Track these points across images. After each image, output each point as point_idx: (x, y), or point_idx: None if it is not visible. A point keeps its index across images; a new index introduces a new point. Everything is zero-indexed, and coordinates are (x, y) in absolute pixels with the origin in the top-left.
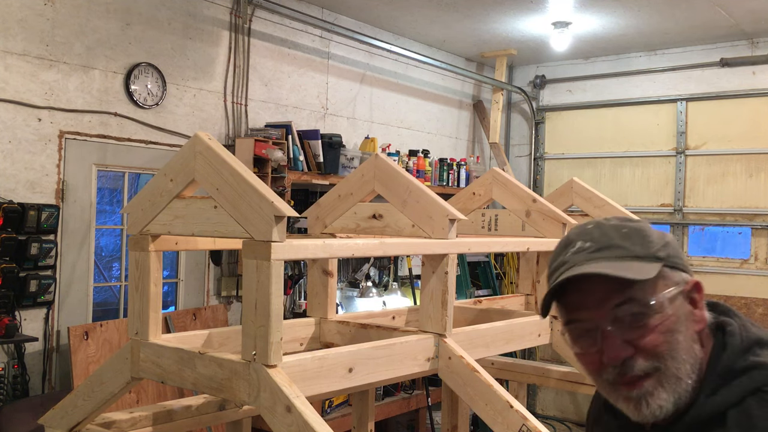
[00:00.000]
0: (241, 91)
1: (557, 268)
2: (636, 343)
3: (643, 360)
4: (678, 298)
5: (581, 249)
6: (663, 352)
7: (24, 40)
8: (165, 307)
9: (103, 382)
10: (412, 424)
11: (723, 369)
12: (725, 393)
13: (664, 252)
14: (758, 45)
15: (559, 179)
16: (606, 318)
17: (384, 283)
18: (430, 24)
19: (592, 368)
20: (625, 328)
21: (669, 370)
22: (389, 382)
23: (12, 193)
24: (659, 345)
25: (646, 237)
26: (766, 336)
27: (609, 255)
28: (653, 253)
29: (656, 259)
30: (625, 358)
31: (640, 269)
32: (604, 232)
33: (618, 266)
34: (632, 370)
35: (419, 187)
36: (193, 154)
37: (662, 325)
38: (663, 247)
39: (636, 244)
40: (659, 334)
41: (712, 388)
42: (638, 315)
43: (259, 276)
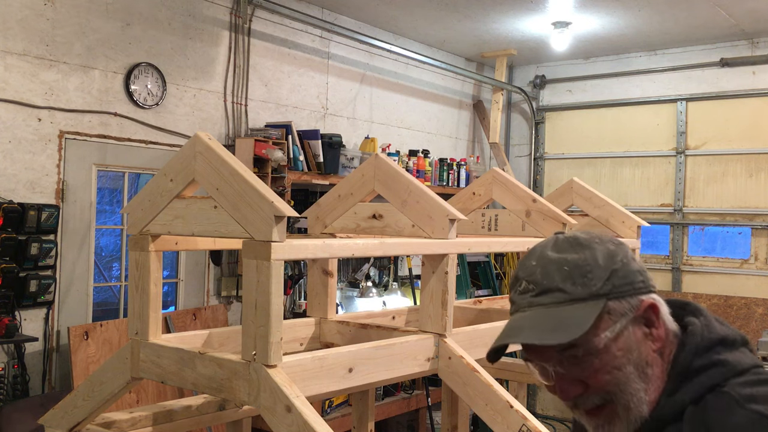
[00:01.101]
0: (241, 91)
1: (511, 304)
2: (585, 381)
3: (594, 395)
4: (627, 329)
5: (526, 290)
6: (611, 389)
7: (24, 40)
8: (165, 307)
9: (103, 382)
10: (412, 424)
11: (681, 369)
12: (684, 392)
13: (608, 285)
14: (758, 45)
15: (559, 179)
16: (553, 361)
17: (384, 283)
18: (430, 24)
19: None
20: (573, 366)
21: (620, 402)
22: (389, 382)
23: (12, 193)
24: (607, 383)
25: (588, 273)
26: (732, 334)
27: (548, 301)
28: (595, 291)
29: (598, 297)
30: (575, 396)
31: (574, 324)
32: (547, 271)
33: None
34: (585, 404)
35: (419, 187)
36: (193, 154)
37: (608, 364)
38: (608, 280)
39: (577, 284)
40: (605, 374)
41: (672, 389)
42: (582, 358)
43: (259, 276)
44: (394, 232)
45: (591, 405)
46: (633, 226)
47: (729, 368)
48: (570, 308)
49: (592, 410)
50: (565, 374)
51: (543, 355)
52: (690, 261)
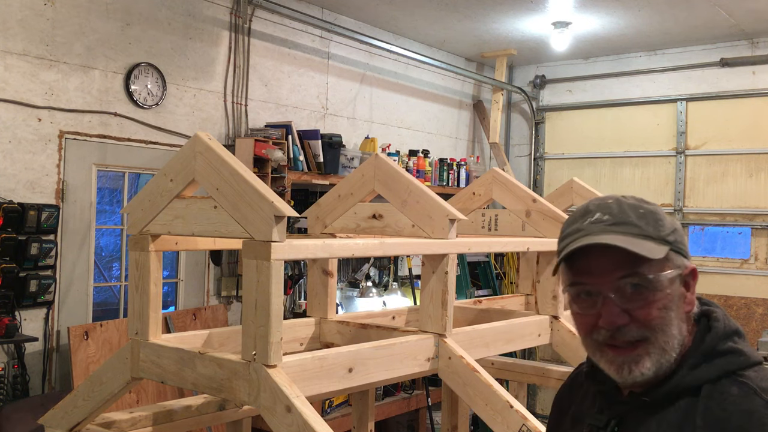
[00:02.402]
0: (241, 91)
1: (572, 233)
2: (632, 312)
3: (635, 329)
4: (676, 280)
5: (599, 220)
6: (655, 325)
7: (24, 40)
8: (165, 307)
9: (103, 382)
10: (412, 424)
11: (706, 348)
12: (705, 369)
13: (672, 237)
14: (758, 45)
15: (559, 179)
16: (610, 286)
17: (384, 283)
18: (430, 24)
19: (585, 327)
20: (625, 298)
21: (657, 341)
22: (389, 382)
23: (12, 193)
24: (653, 318)
25: (659, 221)
26: (741, 329)
27: (624, 230)
28: (663, 236)
29: (665, 242)
30: (620, 324)
31: (650, 249)
32: (623, 209)
33: (632, 242)
34: (624, 335)
35: (419, 187)
36: (193, 154)
37: (659, 301)
38: (672, 233)
39: (650, 225)
40: (655, 309)
41: (694, 364)
42: (640, 288)
43: (259, 276)
44: (394, 232)
45: (629, 338)
46: None
47: (745, 358)
48: (642, 241)
49: (624, 346)
50: (616, 302)
51: (602, 278)
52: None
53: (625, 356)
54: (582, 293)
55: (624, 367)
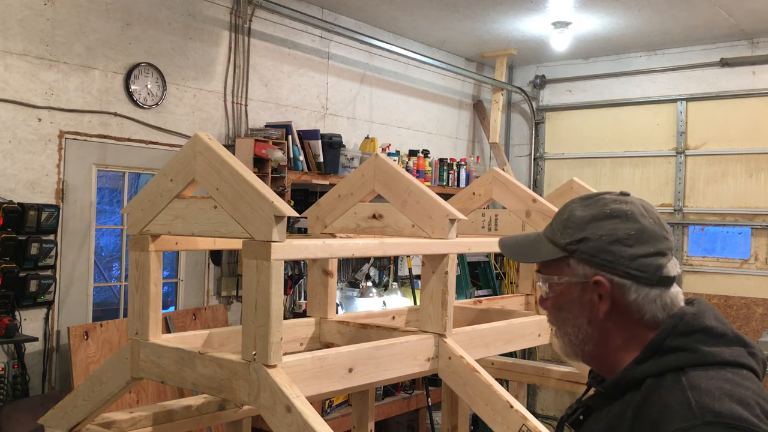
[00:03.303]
0: (241, 91)
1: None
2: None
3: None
4: (576, 286)
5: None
6: (552, 318)
7: (24, 40)
8: (165, 307)
9: (103, 382)
10: (412, 424)
11: (652, 345)
12: (650, 364)
13: (575, 246)
14: (758, 45)
15: (559, 179)
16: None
17: (384, 283)
18: (430, 24)
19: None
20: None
21: (560, 331)
22: (389, 382)
23: (12, 193)
24: (548, 310)
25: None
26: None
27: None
28: (564, 244)
29: (563, 250)
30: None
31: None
32: (561, 211)
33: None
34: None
35: (419, 187)
36: (193, 154)
37: (550, 299)
38: (578, 242)
39: (556, 231)
40: (548, 304)
41: (642, 358)
42: (540, 284)
43: (259, 276)
44: (394, 232)
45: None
46: None
47: (696, 356)
48: (545, 244)
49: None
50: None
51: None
52: (690, 261)
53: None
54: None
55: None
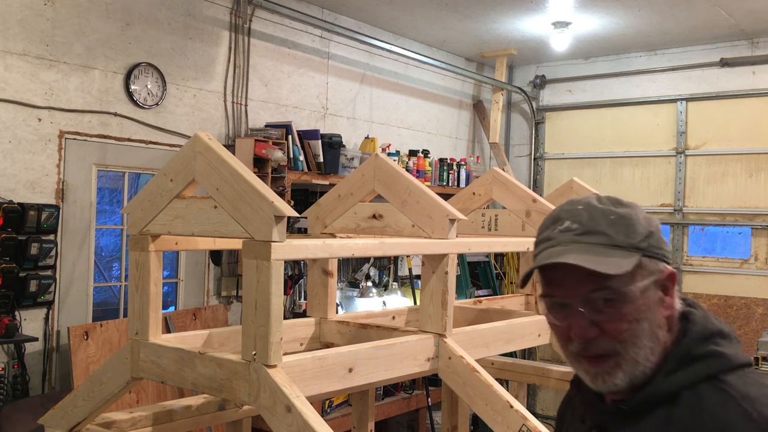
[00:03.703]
0: (241, 91)
1: (543, 241)
2: (602, 326)
3: (605, 342)
4: (651, 288)
5: (568, 229)
6: (626, 339)
7: (24, 40)
8: (165, 307)
9: (103, 382)
10: (412, 424)
11: (682, 353)
12: (681, 375)
13: (645, 243)
14: (758, 45)
15: (559, 179)
16: (579, 299)
17: (384, 283)
18: (430, 24)
19: (560, 339)
20: (595, 310)
21: (628, 354)
22: (389, 382)
23: (12, 193)
24: (623, 332)
25: (631, 227)
26: (726, 329)
27: (592, 241)
28: (635, 244)
29: (636, 250)
30: (590, 337)
31: (617, 262)
32: (593, 216)
33: (596, 258)
34: (594, 348)
35: (419, 187)
36: (193, 154)
37: (630, 314)
38: (645, 238)
39: (620, 233)
40: (625, 322)
41: (670, 370)
42: (609, 301)
43: (259, 276)
44: (394, 232)
45: (599, 351)
46: None
47: (725, 361)
48: (611, 251)
49: (596, 358)
50: (586, 315)
51: (571, 291)
52: (690, 261)
53: (598, 368)
54: (555, 305)
55: (598, 378)
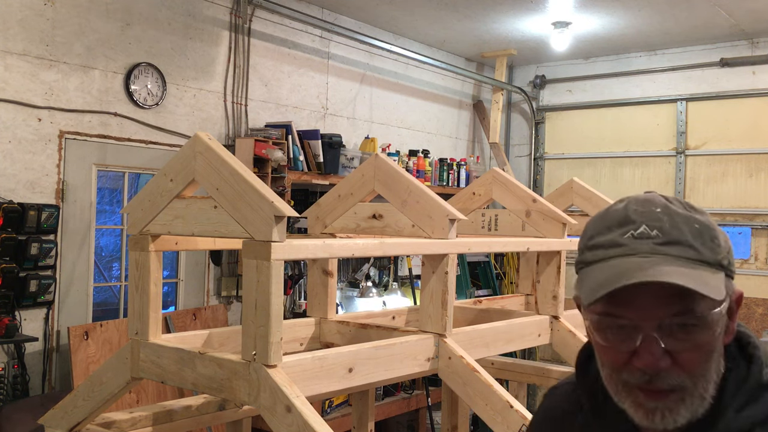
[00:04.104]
0: (241, 91)
1: (608, 246)
2: (676, 356)
3: (676, 375)
4: (725, 313)
5: (647, 236)
6: (698, 372)
7: (24, 40)
8: (165, 307)
9: (103, 382)
10: (412, 424)
11: (753, 384)
12: (753, 409)
13: (727, 259)
14: (758, 45)
15: (559, 179)
16: (654, 323)
17: (384, 283)
18: (430, 24)
19: (614, 364)
20: (671, 338)
21: (697, 390)
22: (389, 382)
23: (12, 193)
24: (697, 365)
25: (715, 239)
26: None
27: (678, 254)
28: (720, 260)
29: (721, 268)
30: (661, 368)
31: (709, 280)
32: (675, 223)
33: (693, 275)
34: (663, 381)
35: (419, 187)
36: (193, 154)
37: (709, 343)
38: (728, 254)
39: (706, 246)
40: (702, 353)
41: (741, 404)
42: (686, 327)
43: (259, 276)
44: (394, 232)
45: (667, 385)
46: None
47: None
48: (701, 268)
49: (658, 390)
50: (658, 342)
51: (646, 313)
52: None
53: (659, 402)
54: (613, 328)
55: (656, 413)
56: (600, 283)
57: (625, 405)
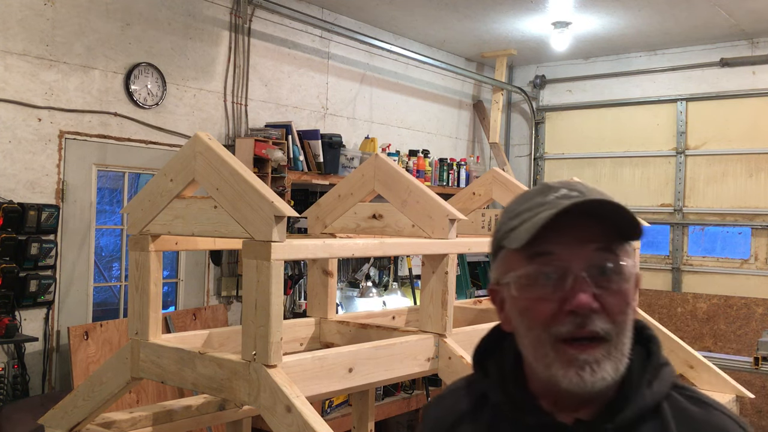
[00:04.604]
0: (241, 91)
1: (534, 207)
2: (602, 299)
3: (605, 320)
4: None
5: (567, 196)
6: (620, 322)
7: (24, 40)
8: (165, 307)
9: (103, 382)
10: (412, 424)
11: (655, 362)
12: (658, 385)
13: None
14: (758, 45)
15: (559, 179)
16: (582, 263)
17: (384, 283)
18: (430, 24)
19: (544, 319)
20: (596, 282)
21: (620, 341)
22: (389, 382)
23: (12, 193)
24: (621, 312)
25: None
26: None
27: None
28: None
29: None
30: (593, 308)
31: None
32: (590, 188)
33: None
34: (592, 324)
35: (419, 187)
36: (193, 154)
37: (626, 293)
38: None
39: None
40: (622, 300)
41: (650, 380)
42: (612, 271)
43: (259, 276)
44: (394, 232)
45: (597, 329)
46: None
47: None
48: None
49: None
50: (588, 283)
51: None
52: (690, 261)
53: (588, 355)
54: (542, 275)
55: (585, 369)
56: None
57: (553, 369)
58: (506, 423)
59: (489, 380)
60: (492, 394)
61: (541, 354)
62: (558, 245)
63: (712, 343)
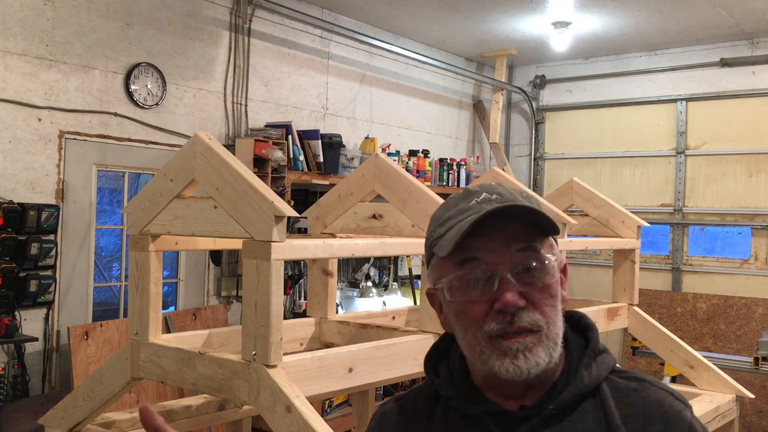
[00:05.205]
0: (241, 91)
1: (458, 214)
2: (528, 296)
3: (532, 313)
4: (557, 270)
5: (487, 200)
6: (548, 313)
7: (24, 40)
8: (165, 307)
9: (103, 382)
10: None
11: (594, 348)
12: (597, 368)
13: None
14: (758, 45)
15: (559, 179)
16: (507, 265)
17: (384, 283)
18: (430, 24)
19: (476, 319)
20: (521, 280)
21: (550, 331)
22: (389, 382)
23: (12, 193)
24: (547, 305)
25: (542, 205)
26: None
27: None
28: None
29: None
30: (519, 306)
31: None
32: (508, 190)
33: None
34: (520, 320)
35: (419, 187)
36: (193, 154)
37: (552, 287)
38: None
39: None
40: (549, 295)
41: (588, 363)
42: (536, 269)
43: (259, 276)
44: (394, 232)
45: (525, 323)
46: (633, 226)
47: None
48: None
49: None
50: (513, 283)
51: (498, 255)
52: (690, 261)
53: (520, 343)
54: (472, 279)
55: (519, 357)
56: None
57: (490, 362)
58: (458, 416)
59: (440, 380)
60: (442, 391)
61: (478, 351)
62: (482, 250)
63: (712, 343)
